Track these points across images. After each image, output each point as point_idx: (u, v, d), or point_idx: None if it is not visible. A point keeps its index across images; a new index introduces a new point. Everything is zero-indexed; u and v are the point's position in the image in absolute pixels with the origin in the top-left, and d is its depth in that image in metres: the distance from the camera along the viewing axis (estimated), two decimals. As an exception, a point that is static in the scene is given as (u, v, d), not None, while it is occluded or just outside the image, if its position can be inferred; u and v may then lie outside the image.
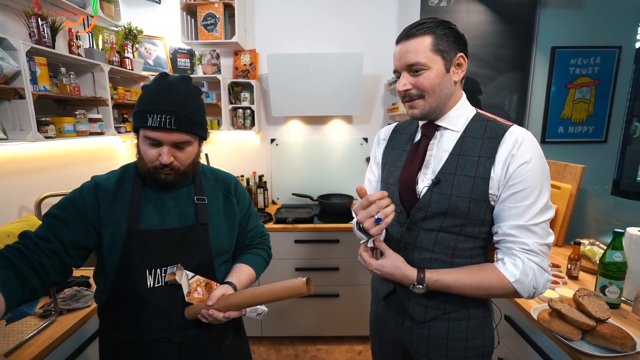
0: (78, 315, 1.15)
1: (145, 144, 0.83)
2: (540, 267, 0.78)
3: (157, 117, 0.78)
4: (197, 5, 2.17)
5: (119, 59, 1.94)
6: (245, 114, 2.39)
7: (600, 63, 2.04)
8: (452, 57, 0.81)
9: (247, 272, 0.99)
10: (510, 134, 0.79)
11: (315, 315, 2.23)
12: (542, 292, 0.80)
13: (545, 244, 0.78)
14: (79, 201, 0.84)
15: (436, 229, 0.85)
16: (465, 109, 0.87)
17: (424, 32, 0.79)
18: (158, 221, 0.87)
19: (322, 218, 2.26)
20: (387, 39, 2.43)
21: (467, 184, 0.80)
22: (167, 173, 0.84)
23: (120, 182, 0.89)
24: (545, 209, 0.78)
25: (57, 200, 1.77)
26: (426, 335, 0.90)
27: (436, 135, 0.88)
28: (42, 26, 1.39)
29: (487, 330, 0.91)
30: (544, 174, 0.78)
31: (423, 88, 0.81)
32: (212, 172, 1.02)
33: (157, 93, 0.81)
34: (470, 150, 0.82)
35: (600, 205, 1.91)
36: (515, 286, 0.77)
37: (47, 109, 1.65)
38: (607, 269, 1.16)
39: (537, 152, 0.79)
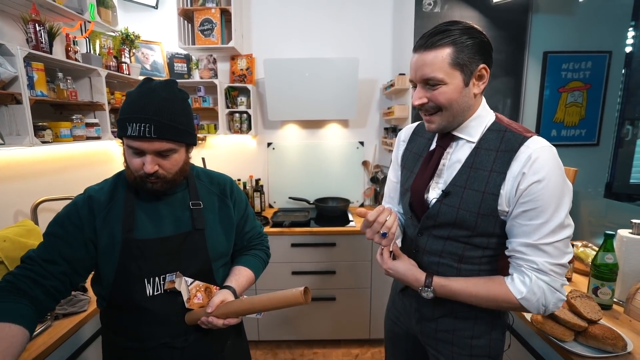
0: (74, 320, 1.15)
1: (129, 152, 0.81)
2: (551, 286, 0.76)
3: (136, 126, 0.76)
4: (194, 11, 2.19)
5: (116, 63, 1.94)
6: (242, 118, 2.41)
7: (592, 67, 2.07)
8: (472, 70, 0.76)
9: (246, 274, 0.98)
10: (525, 149, 0.75)
11: (312, 319, 2.23)
12: (554, 310, 0.78)
13: (557, 264, 0.75)
14: (75, 216, 0.83)
15: (444, 237, 0.86)
16: (483, 118, 0.83)
17: (444, 43, 0.74)
18: (153, 230, 0.86)
19: (319, 222, 2.27)
20: (383, 43, 2.46)
21: (476, 198, 0.79)
22: (153, 182, 0.82)
23: (113, 192, 0.87)
24: (559, 229, 0.74)
25: (53, 205, 1.76)
26: (434, 329, 0.94)
27: (452, 144, 0.86)
28: (40, 32, 1.40)
29: (495, 332, 0.91)
30: (560, 192, 0.73)
31: (439, 103, 0.78)
32: (207, 174, 1.01)
33: (138, 100, 0.79)
34: (482, 163, 0.80)
35: (593, 208, 1.93)
36: (522, 303, 0.77)
37: (44, 114, 1.65)
38: (599, 271, 1.18)
39: (553, 169, 0.73)
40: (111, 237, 0.83)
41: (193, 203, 0.92)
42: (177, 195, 0.91)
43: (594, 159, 2.14)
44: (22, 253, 1.01)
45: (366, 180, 2.63)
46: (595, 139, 2.15)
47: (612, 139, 2.14)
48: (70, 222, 0.82)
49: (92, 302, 1.26)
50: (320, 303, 2.19)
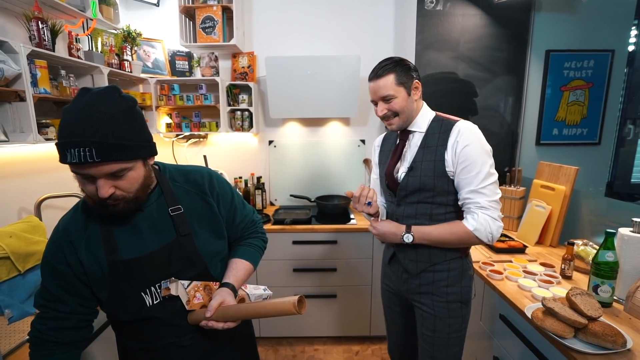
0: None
1: (79, 179, 0.72)
2: (492, 217, 1.08)
3: (75, 152, 0.66)
4: (196, 8, 2.19)
5: (118, 61, 1.95)
6: (244, 116, 2.41)
7: (594, 66, 2.07)
8: (410, 85, 1.12)
9: (244, 267, 0.96)
10: (456, 127, 1.11)
11: (313, 315, 2.24)
12: (497, 237, 1.10)
13: (493, 201, 1.09)
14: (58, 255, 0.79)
15: (415, 202, 1.17)
16: (426, 115, 1.18)
17: (387, 72, 1.10)
18: (137, 248, 0.81)
19: (320, 219, 2.27)
20: (385, 41, 2.46)
21: (430, 166, 1.12)
22: (114, 204, 0.74)
23: (86, 218, 0.81)
24: (488, 175, 1.08)
25: (56, 202, 1.77)
26: (417, 284, 1.22)
27: (410, 137, 1.19)
28: (43, 29, 1.40)
29: (465, 280, 1.20)
30: (482, 151, 1.08)
31: (395, 110, 1.13)
32: (182, 173, 0.92)
33: (73, 121, 0.68)
34: (431, 142, 1.14)
35: (594, 207, 1.94)
36: (475, 234, 1.08)
37: (47, 111, 1.65)
38: (599, 269, 1.19)
39: (475, 136, 1.09)
40: (97, 263, 0.79)
41: (172, 209, 0.85)
42: (153, 206, 0.84)
43: (595, 158, 2.14)
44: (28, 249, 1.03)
45: (367, 178, 2.64)
46: (597, 138, 2.15)
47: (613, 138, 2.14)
48: (56, 261, 0.79)
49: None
50: (321, 300, 2.21)
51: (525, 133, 2.20)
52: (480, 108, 2.15)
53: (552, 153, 2.15)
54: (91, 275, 0.79)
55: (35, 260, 0.98)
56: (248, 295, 1.00)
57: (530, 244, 1.79)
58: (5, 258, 0.95)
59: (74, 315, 0.81)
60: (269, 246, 1.12)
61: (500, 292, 1.32)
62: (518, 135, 2.21)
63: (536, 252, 1.70)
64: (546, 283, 1.33)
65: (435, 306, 1.19)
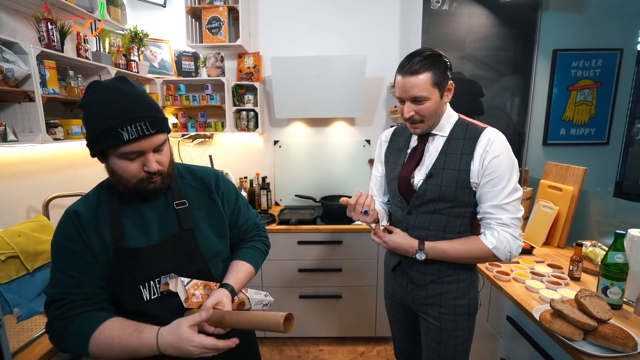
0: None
1: (123, 161, 0.75)
2: (513, 236, 1.02)
3: (132, 128, 0.71)
4: (202, 9, 2.20)
5: (125, 61, 1.96)
6: (249, 116, 2.42)
7: (602, 65, 2.04)
8: (444, 86, 1.01)
9: (245, 269, 0.95)
10: (485, 135, 1.02)
11: (318, 316, 2.24)
12: (516, 255, 1.04)
13: (516, 218, 1.02)
14: (70, 232, 0.80)
15: (430, 212, 1.08)
16: (450, 117, 1.08)
17: (425, 69, 0.97)
18: (142, 238, 0.83)
19: (325, 219, 2.27)
20: (390, 41, 2.45)
21: (453, 176, 1.03)
22: (155, 181, 0.79)
23: (97, 205, 0.83)
24: (514, 191, 1.01)
25: (64, 202, 1.79)
26: (424, 295, 1.15)
27: (429, 139, 1.09)
28: (52, 30, 1.42)
29: (473, 292, 1.14)
30: (511, 164, 1.01)
31: (424, 115, 1.01)
32: (190, 171, 0.96)
33: (115, 103, 0.72)
34: (454, 149, 1.04)
35: (602, 207, 1.91)
36: (493, 252, 1.02)
37: (56, 111, 1.67)
38: (608, 270, 1.17)
39: (505, 148, 1.01)
40: (104, 248, 0.80)
41: (177, 203, 0.87)
42: (160, 199, 0.87)
43: (603, 158, 2.11)
44: (37, 248, 1.04)
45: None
46: (605, 137, 2.12)
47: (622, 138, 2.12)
48: (69, 240, 0.79)
49: (103, 297, 1.28)
50: (326, 301, 2.21)
51: (532, 133, 2.18)
52: (487, 108, 2.14)
53: (559, 153, 2.13)
54: (98, 259, 0.80)
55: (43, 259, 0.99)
56: (248, 299, 0.97)
57: (537, 244, 1.78)
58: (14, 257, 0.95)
59: (96, 296, 0.79)
60: (273, 246, 1.12)
61: (507, 294, 1.31)
62: (525, 135, 2.19)
63: (543, 253, 1.69)
64: (554, 284, 1.32)
65: (443, 318, 1.12)
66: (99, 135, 0.73)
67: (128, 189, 0.79)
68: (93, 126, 0.73)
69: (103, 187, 0.87)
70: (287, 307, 2.22)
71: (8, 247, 0.95)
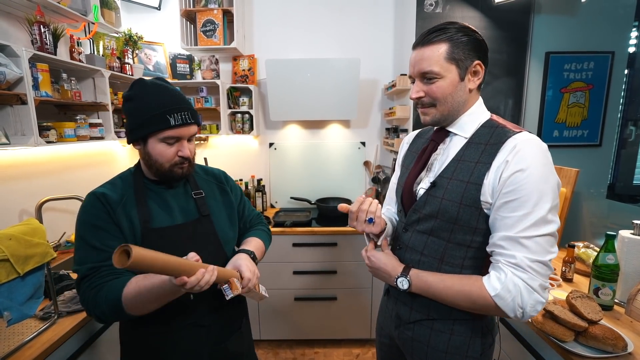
0: (78, 318, 1.17)
1: (163, 145, 0.87)
2: (528, 285, 0.71)
3: (178, 116, 0.85)
4: (197, 12, 2.21)
5: (119, 64, 1.96)
6: (244, 118, 2.42)
7: (594, 68, 2.06)
8: (467, 65, 0.79)
9: (258, 241, 1.07)
10: (512, 140, 0.75)
11: (313, 318, 2.23)
12: (532, 315, 0.73)
13: (537, 261, 0.71)
14: (98, 209, 0.86)
15: (427, 232, 0.86)
16: (478, 115, 0.84)
17: (440, 39, 0.78)
18: (167, 219, 0.92)
19: (320, 222, 2.27)
20: (384, 44, 2.46)
21: (459, 188, 0.79)
22: (184, 166, 0.91)
23: (122, 189, 0.91)
24: (542, 223, 0.71)
25: (57, 205, 1.78)
26: (410, 337, 0.92)
27: (446, 140, 0.88)
28: (44, 33, 1.42)
29: (472, 351, 0.86)
30: (544, 184, 0.71)
31: (435, 97, 0.81)
32: (202, 168, 1.09)
33: (164, 95, 0.86)
34: (470, 156, 0.80)
35: (595, 209, 1.93)
36: (496, 301, 0.73)
37: (49, 114, 1.67)
38: (600, 271, 1.18)
39: (539, 159, 0.72)
40: (131, 228, 0.87)
41: (195, 192, 0.99)
42: (180, 189, 0.98)
43: (596, 160, 2.13)
44: (28, 251, 1.04)
45: (367, 181, 2.64)
46: (598, 139, 2.14)
47: (614, 140, 2.14)
48: (98, 217, 0.85)
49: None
50: (321, 303, 2.20)
51: (525, 135, 2.19)
52: (480, 110, 2.15)
53: (552, 155, 2.10)
54: (126, 237, 0.86)
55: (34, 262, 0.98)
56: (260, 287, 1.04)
57: (531, 246, 1.78)
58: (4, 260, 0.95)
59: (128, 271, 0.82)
60: (268, 248, 1.14)
61: (500, 295, 1.31)
62: (518, 137, 2.20)
63: (537, 255, 1.69)
64: (546, 286, 1.32)
65: None
66: (148, 120, 0.84)
67: (160, 173, 0.90)
68: (142, 112, 0.85)
69: (125, 175, 0.96)
70: (282, 310, 2.22)
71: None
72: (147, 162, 0.90)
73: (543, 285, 0.72)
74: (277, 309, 2.21)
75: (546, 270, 0.73)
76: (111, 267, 0.82)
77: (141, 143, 0.89)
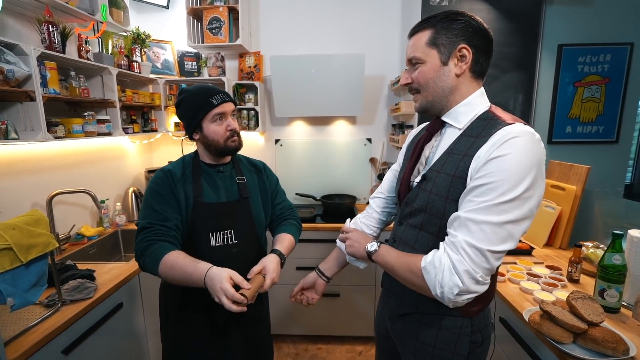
0: (80, 306, 1.21)
1: (214, 124, 1.07)
2: (454, 265, 0.69)
3: (218, 96, 1.07)
4: (203, 10, 2.24)
5: (127, 62, 2.01)
6: (250, 115, 2.44)
7: (611, 60, 1.97)
8: (451, 50, 0.78)
9: (288, 238, 1.20)
10: (502, 131, 0.72)
11: (317, 314, 2.24)
12: (450, 299, 0.71)
13: (475, 247, 0.68)
14: (165, 183, 1.08)
15: (418, 226, 0.85)
16: (474, 106, 0.81)
17: (424, 27, 0.81)
18: (214, 196, 1.12)
19: (325, 218, 2.27)
20: (391, 39, 2.43)
21: (446, 182, 0.78)
22: (235, 139, 1.11)
23: (183, 169, 1.13)
24: (496, 210, 0.67)
25: (67, 198, 1.84)
26: (400, 330, 0.94)
27: (441, 131, 0.86)
28: (53, 32, 1.47)
29: (460, 347, 0.85)
30: (521, 174, 0.67)
31: (418, 82, 0.83)
32: (246, 158, 1.29)
33: (202, 88, 1.09)
34: (460, 148, 0.78)
35: (610, 208, 1.84)
36: (423, 273, 0.74)
37: (59, 111, 1.73)
38: (606, 272, 1.13)
39: (524, 149, 0.68)
40: (186, 199, 1.08)
41: (239, 178, 1.18)
42: (227, 172, 1.17)
43: (611, 157, 2.04)
44: (31, 240, 1.08)
45: (373, 178, 2.61)
46: (614, 136, 2.04)
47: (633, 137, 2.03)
48: (162, 188, 1.07)
49: (99, 290, 1.32)
50: (324, 299, 2.20)
51: (536, 131, 2.11)
52: (489, 105, 2.09)
53: (565, 152, 2.06)
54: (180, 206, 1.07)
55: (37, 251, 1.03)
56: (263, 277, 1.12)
57: (538, 245, 1.73)
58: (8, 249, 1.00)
59: (172, 230, 1.04)
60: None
61: (500, 295, 1.28)
62: (529, 134, 2.12)
63: (544, 254, 1.64)
64: (550, 286, 1.28)
65: None
66: (197, 109, 1.07)
67: (218, 150, 1.10)
68: (191, 107, 1.08)
69: (186, 159, 1.17)
70: (284, 304, 2.23)
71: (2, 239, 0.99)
72: (207, 144, 1.10)
73: (470, 273, 0.69)
74: (280, 305, 2.23)
75: (482, 261, 0.69)
76: (162, 226, 1.03)
77: (198, 131, 1.10)
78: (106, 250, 1.94)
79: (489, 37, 0.80)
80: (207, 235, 1.10)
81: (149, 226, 1.03)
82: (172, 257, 0.96)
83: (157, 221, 1.04)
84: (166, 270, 0.96)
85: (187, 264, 0.95)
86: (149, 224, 1.04)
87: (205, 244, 1.09)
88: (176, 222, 1.06)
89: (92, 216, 2.01)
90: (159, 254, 0.97)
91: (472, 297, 0.72)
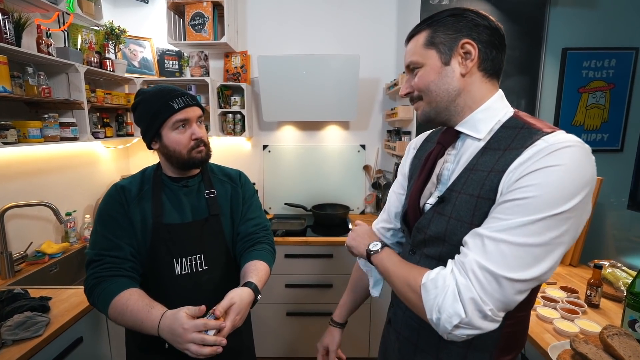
0: (26, 347, 1.00)
1: (176, 132, 0.92)
2: (459, 291, 0.56)
3: (179, 100, 0.92)
4: (185, 4, 2.06)
5: (99, 59, 1.82)
6: (236, 119, 2.26)
7: (616, 66, 1.89)
8: (452, 47, 0.66)
9: (263, 268, 1.00)
10: (542, 142, 0.57)
11: (307, 335, 2.06)
12: (446, 329, 0.57)
13: (488, 271, 0.54)
14: (115, 203, 0.93)
15: (436, 258, 0.70)
16: (495, 111, 0.67)
17: (420, 29, 0.71)
18: (177, 216, 0.98)
19: (316, 230, 2.11)
20: (387, 40, 2.30)
21: (469, 205, 0.63)
22: (201, 149, 0.96)
23: (141, 184, 0.98)
24: (526, 231, 0.53)
25: (24, 212, 1.61)
26: None
27: (457, 144, 0.72)
28: (4, 21, 1.27)
29: None
30: (574, 190, 0.53)
31: (419, 87, 0.71)
32: (220, 168, 1.12)
33: (162, 89, 0.93)
34: (485, 163, 0.64)
35: (616, 220, 1.75)
36: (421, 290, 0.61)
37: (16, 112, 1.52)
38: (636, 301, 1.00)
39: (579, 162, 0.54)
40: (143, 221, 0.94)
41: (208, 192, 1.02)
42: (194, 187, 1.02)
43: (616, 167, 1.95)
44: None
45: (367, 186, 2.47)
46: (619, 144, 1.96)
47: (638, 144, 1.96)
48: (113, 209, 0.93)
49: (52, 324, 1.12)
50: (316, 318, 2.03)
51: (539, 139, 2.02)
52: (490, 111, 1.98)
53: (569, 161, 1.96)
54: (135, 230, 0.93)
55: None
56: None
57: (547, 262, 1.60)
58: None
59: (127, 261, 0.91)
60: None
61: (516, 323, 1.14)
62: (531, 141, 2.02)
63: (555, 273, 1.52)
64: (570, 313, 1.14)
65: None
66: (155, 114, 0.91)
67: (181, 162, 0.95)
68: (148, 110, 0.92)
69: (147, 171, 1.02)
70: (273, 325, 2.05)
71: None
72: (167, 155, 0.95)
73: (477, 303, 0.55)
74: (267, 325, 2.05)
75: (494, 289, 0.54)
76: (113, 257, 0.89)
77: (158, 140, 0.94)
78: (72, 268, 1.72)
79: (497, 28, 0.68)
80: (170, 262, 0.95)
81: (98, 259, 0.89)
82: (122, 300, 0.83)
83: (108, 252, 0.90)
84: (116, 314, 0.83)
85: (140, 310, 0.81)
86: (98, 256, 0.90)
87: (168, 273, 0.95)
88: (131, 249, 0.92)
89: (56, 231, 1.78)
90: (107, 295, 0.84)
91: (474, 334, 0.56)
